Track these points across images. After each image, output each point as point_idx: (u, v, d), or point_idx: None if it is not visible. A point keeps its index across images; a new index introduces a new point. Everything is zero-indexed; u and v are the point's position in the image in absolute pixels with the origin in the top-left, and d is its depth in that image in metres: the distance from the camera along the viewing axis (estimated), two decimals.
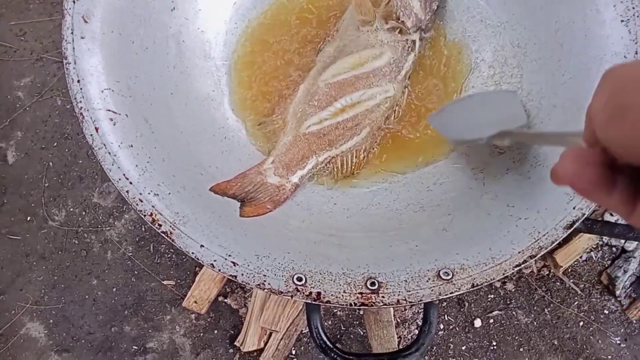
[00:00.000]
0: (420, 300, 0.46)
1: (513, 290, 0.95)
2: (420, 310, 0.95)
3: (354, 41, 0.64)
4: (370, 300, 0.46)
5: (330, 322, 0.94)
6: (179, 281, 0.96)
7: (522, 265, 0.47)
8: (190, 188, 0.52)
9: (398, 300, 0.46)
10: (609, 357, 0.92)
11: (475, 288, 0.46)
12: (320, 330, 0.48)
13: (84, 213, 0.96)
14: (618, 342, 0.93)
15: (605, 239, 0.95)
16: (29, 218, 0.97)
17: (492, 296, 0.95)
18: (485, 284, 0.46)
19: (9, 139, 1.00)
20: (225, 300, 0.95)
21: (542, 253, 0.47)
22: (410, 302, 0.46)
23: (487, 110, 0.58)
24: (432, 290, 0.46)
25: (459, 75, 0.66)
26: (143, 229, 0.97)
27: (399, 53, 0.63)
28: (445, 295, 0.46)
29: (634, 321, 0.93)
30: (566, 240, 0.94)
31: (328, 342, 0.47)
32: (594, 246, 0.96)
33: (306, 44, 0.67)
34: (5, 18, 1.07)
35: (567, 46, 0.58)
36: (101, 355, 0.93)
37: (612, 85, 0.22)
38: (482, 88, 0.65)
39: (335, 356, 0.47)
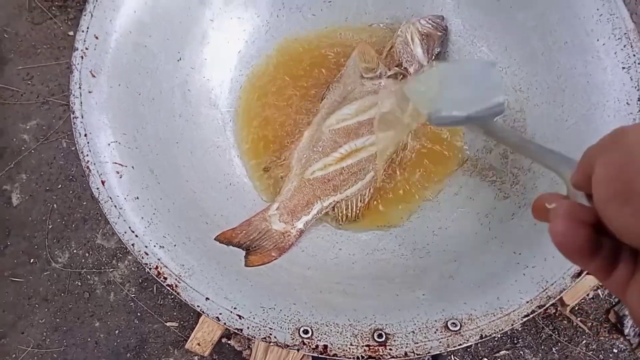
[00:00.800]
0: (429, 352, 0.45)
1: (520, 329, 0.93)
2: None
3: (357, 88, 0.65)
4: (377, 353, 0.45)
5: None
6: (182, 322, 0.95)
7: (531, 316, 0.46)
8: (196, 238, 0.51)
9: (406, 353, 0.45)
10: None
11: (483, 339, 0.46)
12: None
13: (87, 255, 0.96)
14: None
15: None
16: (32, 260, 0.97)
17: (500, 336, 0.94)
18: (494, 335, 0.46)
19: (14, 181, 1.01)
20: (229, 341, 0.94)
21: (550, 303, 0.47)
22: (418, 355, 0.45)
23: (465, 82, 0.52)
24: (440, 342, 0.46)
25: None
26: (146, 270, 0.97)
27: (402, 99, 0.64)
28: (454, 347, 0.46)
29: None
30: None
31: None
32: (601, 284, 0.95)
33: (310, 91, 0.68)
34: (14, 63, 1.09)
35: (570, 91, 0.58)
36: None
37: (621, 158, 0.21)
38: None
39: None
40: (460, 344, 0.46)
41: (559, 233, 0.24)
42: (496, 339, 0.93)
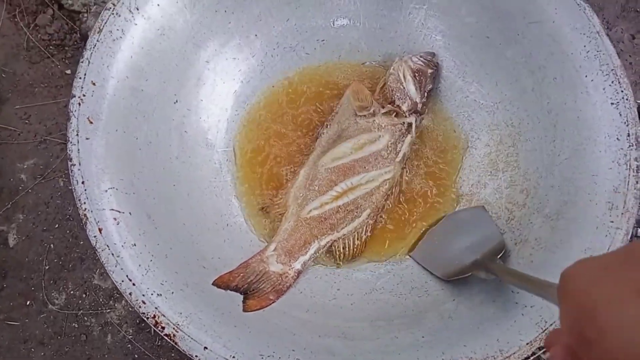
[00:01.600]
0: None
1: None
2: None
3: (351, 126, 0.65)
4: None
5: None
6: None
7: (531, 358, 0.46)
8: (193, 284, 0.51)
9: None
10: None
11: None
12: None
13: (84, 296, 0.95)
14: None
15: None
16: (28, 302, 0.96)
17: None
18: None
19: (10, 221, 1.01)
20: None
21: None
22: None
23: (463, 233, 0.60)
24: None
25: (457, 154, 0.68)
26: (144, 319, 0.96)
27: (396, 136, 0.65)
28: None
29: None
30: None
31: None
32: None
33: (306, 129, 0.69)
34: (11, 102, 1.10)
35: (561, 126, 0.59)
36: None
37: (571, 310, 0.24)
38: (479, 167, 0.66)
39: None
40: None
41: None
42: None
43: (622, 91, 0.55)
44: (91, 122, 0.54)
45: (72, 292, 0.95)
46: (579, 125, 0.57)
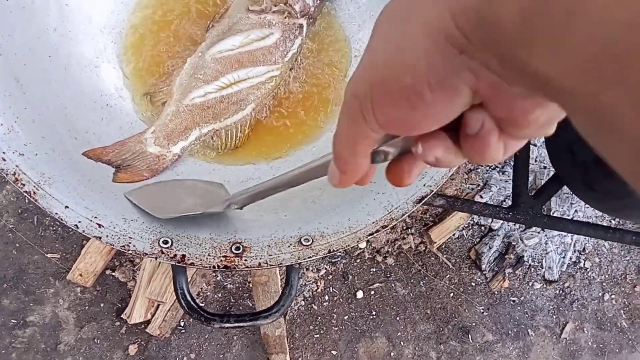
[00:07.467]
0: (281, 264, 0.50)
1: (393, 264, 1.02)
2: (306, 282, 1.00)
3: (243, 20, 0.66)
4: (233, 263, 0.49)
5: (220, 295, 0.97)
6: (64, 254, 0.93)
7: (375, 234, 0.52)
8: (61, 151, 0.51)
9: (260, 264, 0.49)
10: (473, 324, 1.02)
11: (331, 253, 0.51)
12: (186, 291, 0.50)
13: None
14: (482, 310, 1.03)
15: (476, 218, 1.05)
16: None
17: (374, 270, 1.02)
18: (341, 250, 0.51)
19: None
20: (113, 273, 0.94)
21: (393, 224, 0.52)
22: (270, 265, 0.49)
23: (193, 194, 0.56)
24: (292, 254, 0.50)
25: (345, 60, 0.71)
26: (26, 201, 0.94)
27: (286, 35, 0.66)
28: (304, 259, 0.50)
29: (495, 292, 1.04)
30: (441, 219, 1.03)
31: (192, 303, 0.50)
32: (466, 225, 1.05)
33: (197, 20, 0.68)
34: None
35: None
36: None
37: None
38: None
39: (199, 316, 0.49)
40: (310, 257, 0.50)
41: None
42: (371, 272, 1.01)
43: None
44: None
45: None
46: None
